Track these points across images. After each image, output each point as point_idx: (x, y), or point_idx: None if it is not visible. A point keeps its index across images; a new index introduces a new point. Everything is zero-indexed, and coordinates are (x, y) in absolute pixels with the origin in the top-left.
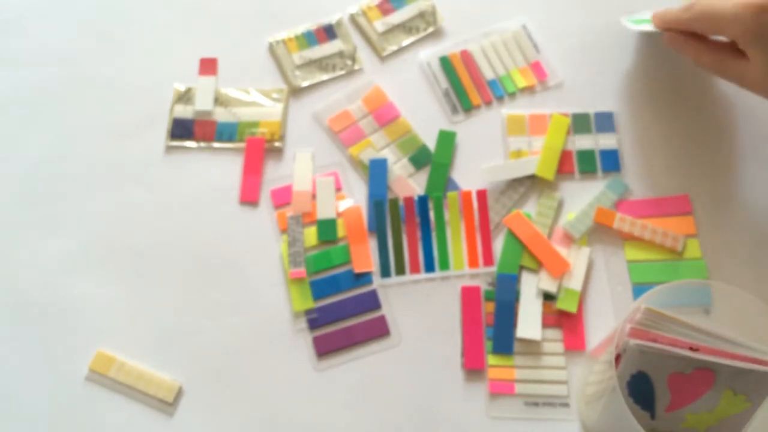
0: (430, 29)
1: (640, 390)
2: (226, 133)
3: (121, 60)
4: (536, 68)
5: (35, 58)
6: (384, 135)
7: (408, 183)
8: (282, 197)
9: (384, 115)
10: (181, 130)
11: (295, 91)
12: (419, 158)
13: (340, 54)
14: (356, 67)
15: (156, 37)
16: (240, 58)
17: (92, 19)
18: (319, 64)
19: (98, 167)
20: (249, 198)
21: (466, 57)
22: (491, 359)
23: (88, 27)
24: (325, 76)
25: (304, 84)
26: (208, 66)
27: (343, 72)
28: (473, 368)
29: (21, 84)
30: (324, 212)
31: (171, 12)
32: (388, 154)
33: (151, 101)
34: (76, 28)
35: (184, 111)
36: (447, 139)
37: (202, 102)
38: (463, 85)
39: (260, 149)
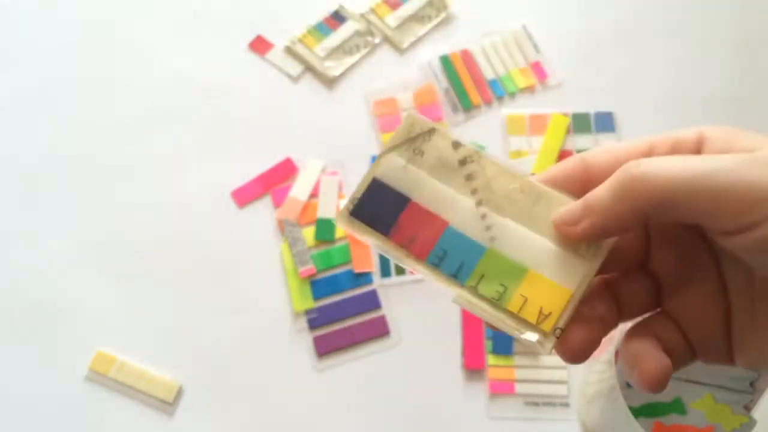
0: (443, 15)
1: None
2: None
3: (121, 60)
4: (536, 68)
5: (34, 58)
6: None
7: None
8: (282, 197)
9: (425, 115)
10: None
11: (331, 82)
12: None
13: (358, 33)
14: (376, 40)
15: (156, 38)
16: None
17: (92, 19)
18: (343, 48)
19: (98, 167)
20: (249, 198)
21: (467, 57)
22: (491, 359)
23: (88, 27)
24: (353, 59)
25: (338, 72)
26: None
27: (367, 50)
28: (473, 368)
29: (20, 84)
30: (325, 212)
31: (171, 12)
32: None
33: (151, 101)
34: (75, 28)
35: None
36: None
37: None
38: (464, 85)
39: None
